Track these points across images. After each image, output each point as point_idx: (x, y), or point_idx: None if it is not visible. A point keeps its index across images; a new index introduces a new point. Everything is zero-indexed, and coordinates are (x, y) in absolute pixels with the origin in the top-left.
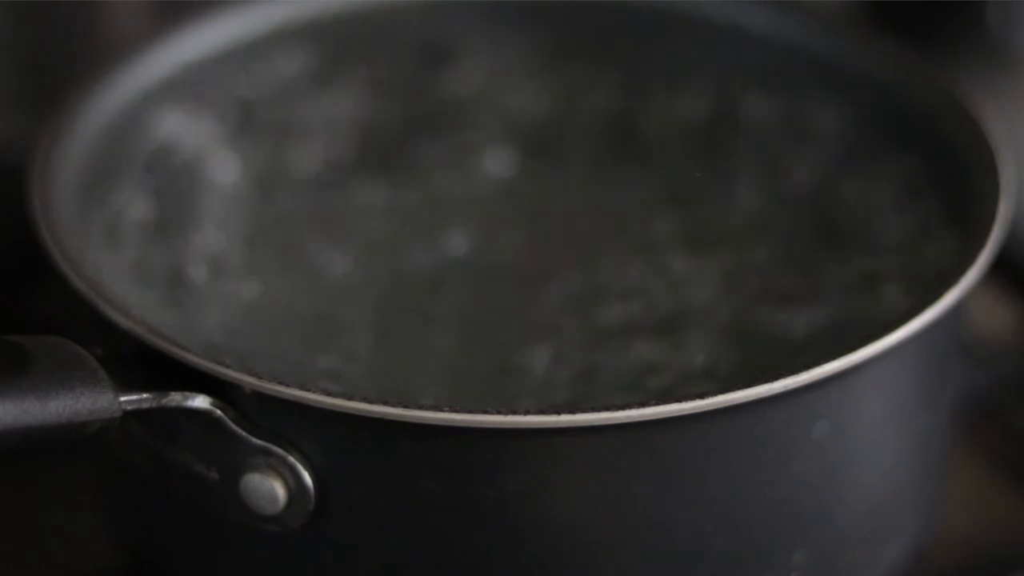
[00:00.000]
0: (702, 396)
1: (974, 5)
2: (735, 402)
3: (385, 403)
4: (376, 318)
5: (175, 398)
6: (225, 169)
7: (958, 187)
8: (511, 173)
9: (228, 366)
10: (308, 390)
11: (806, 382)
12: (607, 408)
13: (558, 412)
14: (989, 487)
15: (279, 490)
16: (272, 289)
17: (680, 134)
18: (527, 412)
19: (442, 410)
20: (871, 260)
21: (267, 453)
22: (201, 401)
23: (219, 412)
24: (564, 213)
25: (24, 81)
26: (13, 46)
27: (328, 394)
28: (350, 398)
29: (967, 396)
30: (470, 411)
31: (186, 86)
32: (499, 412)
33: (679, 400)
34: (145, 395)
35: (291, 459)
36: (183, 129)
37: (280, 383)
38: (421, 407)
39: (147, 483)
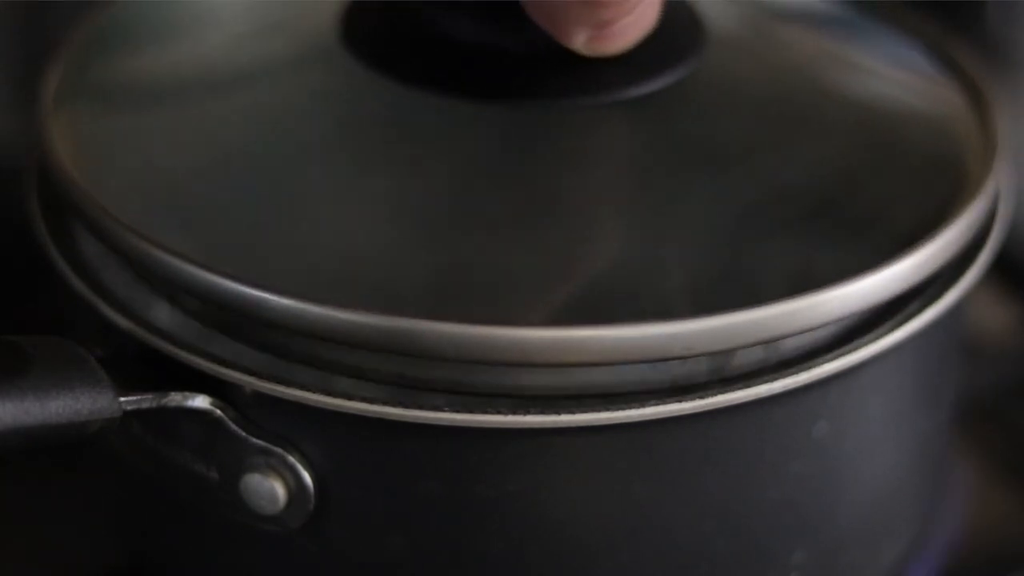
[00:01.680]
0: (702, 396)
1: (974, 5)
2: (735, 402)
3: (385, 403)
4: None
5: (175, 398)
6: None
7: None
8: None
9: (228, 366)
10: (308, 390)
11: (806, 382)
12: (607, 408)
13: (558, 412)
14: (989, 487)
15: (279, 490)
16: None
17: None
18: (527, 412)
19: (442, 410)
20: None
21: (267, 453)
22: (201, 401)
23: (219, 412)
24: None
25: (24, 81)
26: (13, 46)
27: (328, 394)
28: (350, 398)
29: (967, 396)
30: (470, 411)
31: None
32: (499, 412)
33: (679, 400)
34: (145, 395)
35: (291, 459)
36: None
37: (280, 383)
38: (421, 407)
39: (147, 483)
